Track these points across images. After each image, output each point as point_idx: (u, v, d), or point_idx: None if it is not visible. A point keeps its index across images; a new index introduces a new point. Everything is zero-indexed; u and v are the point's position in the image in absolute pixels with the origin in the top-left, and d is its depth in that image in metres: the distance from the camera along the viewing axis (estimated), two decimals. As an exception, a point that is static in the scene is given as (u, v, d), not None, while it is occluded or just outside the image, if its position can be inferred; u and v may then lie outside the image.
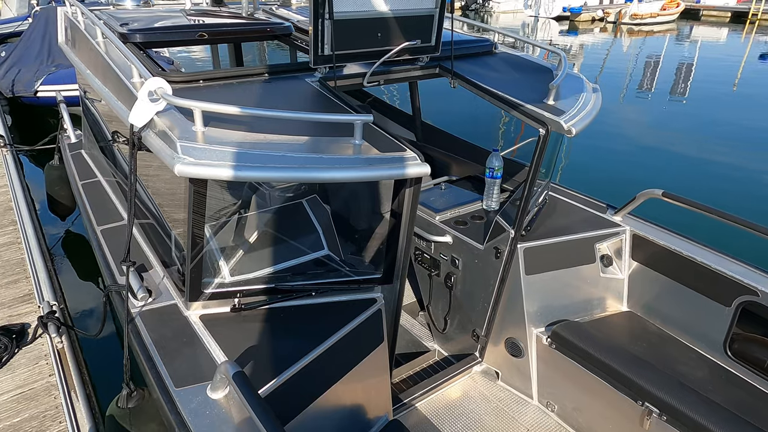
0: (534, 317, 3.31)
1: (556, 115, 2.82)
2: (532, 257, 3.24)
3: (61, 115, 5.84)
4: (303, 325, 2.68)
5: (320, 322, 2.70)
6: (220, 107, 2.23)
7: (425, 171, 2.30)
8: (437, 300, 3.75)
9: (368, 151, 2.32)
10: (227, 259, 2.79)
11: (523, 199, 3.05)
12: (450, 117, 9.66)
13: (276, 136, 2.31)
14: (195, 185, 2.29)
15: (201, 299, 2.66)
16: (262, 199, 3.23)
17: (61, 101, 6.16)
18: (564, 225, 3.49)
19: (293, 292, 2.76)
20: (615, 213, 3.58)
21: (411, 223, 2.65)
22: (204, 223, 2.44)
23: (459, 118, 9.84)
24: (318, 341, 2.55)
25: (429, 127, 4.77)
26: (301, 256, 2.94)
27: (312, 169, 2.18)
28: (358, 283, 2.90)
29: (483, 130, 9.50)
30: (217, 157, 2.12)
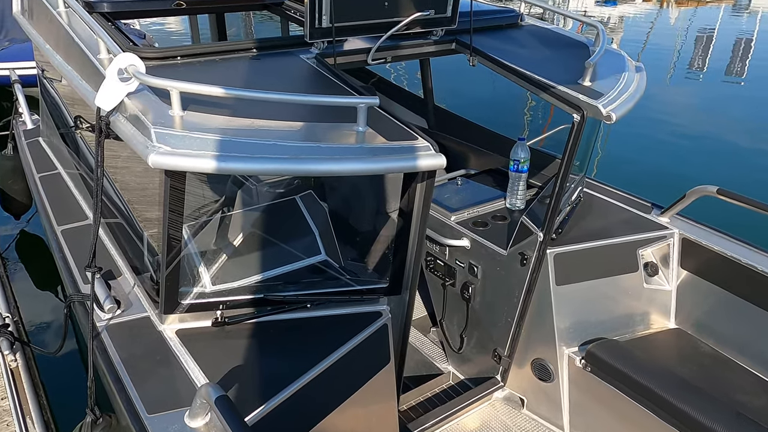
0: (566, 335, 3.30)
1: (593, 99, 2.81)
2: (563, 264, 3.23)
3: (16, 98, 5.86)
4: (296, 342, 2.68)
5: (316, 338, 2.70)
6: (201, 88, 2.23)
7: (439, 163, 2.30)
8: (452, 314, 3.74)
9: (373, 140, 2.32)
10: (208, 265, 2.79)
11: (553, 197, 3.04)
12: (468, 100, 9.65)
13: (265, 122, 2.31)
14: (171, 179, 2.29)
15: (178, 311, 2.66)
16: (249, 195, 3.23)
17: (15, 81, 6.18)
18: (601, 227, 3.48)
19: (285, 303, 2.76)
20: (661, 213, 3.57)
21: (422, 224, 2.65)
22: (182, 223, 2.44)
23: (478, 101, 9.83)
24: (313, 361, 2.55)
25: (443, 112, 4.76)
26: (294, 261, 2.94)
27: (307, 160, 2.18)
28: (360, 294, 2.89)
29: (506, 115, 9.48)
30: (197, 145, 2.12)
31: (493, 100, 10.31)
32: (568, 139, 2.91)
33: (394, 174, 3.16)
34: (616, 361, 3.08)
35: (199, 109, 2.32)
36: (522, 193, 3.62)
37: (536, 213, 3.28)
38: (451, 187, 3.89)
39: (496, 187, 3.89)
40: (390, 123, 2.47)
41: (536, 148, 3.98)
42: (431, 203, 2.65)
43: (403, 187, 2.58)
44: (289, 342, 2.68)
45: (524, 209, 3.58)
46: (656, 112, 10.06)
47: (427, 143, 2.33)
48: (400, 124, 2.47)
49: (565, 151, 2.94)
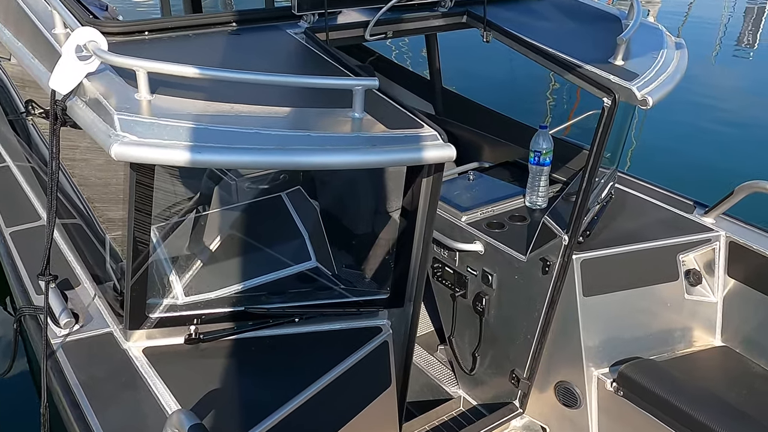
0: (594, 354, 3.30)
1: (627, 80, 2.82)
2: (592, 272, 3.24)
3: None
4: (282, 362, 2.68)
5: (305, 358, 2.70)
6: (173, 67, 2.23)
7: (448, 155, 2.30)
8: (463, 330, 3.74)
9: (371, 128, 2.32)
10: (181, 273, 2.79)
11: (580, 194, 3.04)
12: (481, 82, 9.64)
13: (247, 107, 2.31)
14: (138, 173, 2.29)
15: (145, 326, 2.67)
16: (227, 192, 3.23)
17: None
18: (636, 229, 3.48)
19: (269, 317, 2.76)
20: (705, 213, 3.57)
21: (429, 225, 2.65)
22: (150, 224, 2.44)
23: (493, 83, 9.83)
24: (302, 384, 2.54)
25: (453, 96, 4.76)
26: (280, 269, 2.94)
27: (295, 151, 2.18)
28: (356, 306, 2.89)
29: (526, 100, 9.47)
30: (167, 134, 2.13)
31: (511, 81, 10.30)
32: (598, 126, 2.91)
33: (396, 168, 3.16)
34: (652, 383, 3.08)
35: (170, 93, 2.32)
36: (544, 189, 3.62)
37: (560, 212, 3.28)
38: (461, 182, 3.89)
39: (513, 182, 3.89)
40: (391, 108, 2.47)
41: (560, 137, 3.97)
42: (439, 201, 2.65)
43: (406, 182, 2.58)
44: (274, 362, 2.68)
45: (546, 208, 3.58)
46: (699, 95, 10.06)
47: (434, 132, 2.34)
48: (402, 109, 2.47)
49: (594, 141, 2.94)
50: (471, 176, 3.92)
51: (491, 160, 4.17)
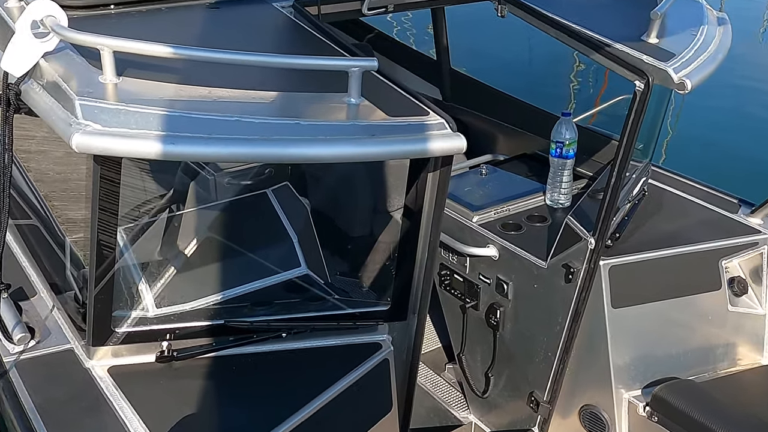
0: (625, 374, 3.30)
1: (662, 60, 2.82)
2: (622, 280, 3.23)
3: None
4: (268, 383, 2.68)
5: (294, 379, 2.70)
6: (142, 46, 2.23)
7: (458, 146, 2.30)
8: (475, 346, 3.74)
9: (369, 115, 2.32)
10: (152, 282, 2.79)
11: (608, 191, 3.04)
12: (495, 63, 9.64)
13: (227, 92, 2.31)
14: (103, 167, 2.29)
15: (111, 342, 2.66)
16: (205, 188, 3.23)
17: None
18: (672, 230, 3.48)
19: (253, 332, 2.76)
20: (752, 212, 3.57)
21: (435, 227, 2.65)
22: (116, 226, 2.44)
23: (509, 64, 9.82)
24: (290, 409, 2.54)
25: (462, 79, 4.76)
26: (265, 277, 2.94)
27: (282, 142, 2.18)
28: (352, 320, 2.90)
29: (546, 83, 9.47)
30: (136, 122, 2.12)
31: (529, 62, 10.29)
32: (629, 113, 2.91)
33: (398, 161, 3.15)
34: (691, 407, 3.08)
35: (139, 75, 2.32)
36: (567, 185, 3.62)
37: (586, 212, 3.28)
38: (472, 177, 3.89)
39: (532, 177, 3.89)
40: (392, 93, 2.47)
41: (586, 126, 3.98)
42: (447, 199, 2.65)
43: (409, 177, 2.58)
44: (257, 383, 2.68)
45: (570, 207, 3.58)
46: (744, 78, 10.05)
47: (442, 120, 2.33)
48: (405, 94, 2.47)
49: (625, 131, 2.94)
50: (483, 170, 3.92)
51: (506, 152, 4.16)
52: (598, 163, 3.84)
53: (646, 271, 3.29)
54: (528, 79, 9.45)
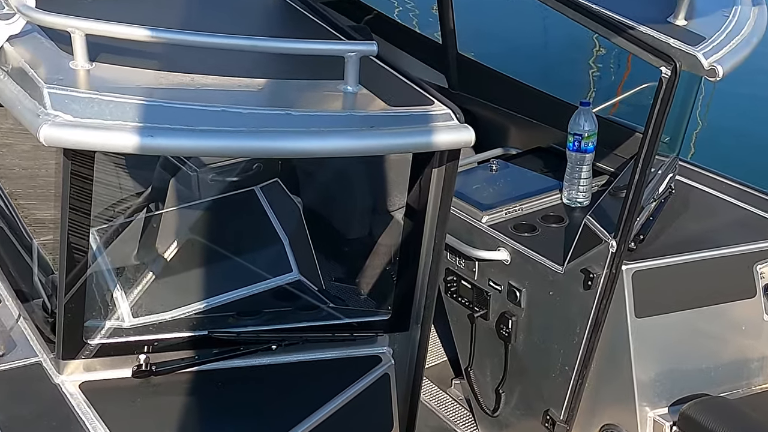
0: (650, 390, 3.30)
1: (690, 44, 2.82)
2: (647, 287, 3.24)
3: None
4: (256, 400, 2.68)
5: (285, 395, 2.70)
6: (118, 28, 2.23)
7: (465, 138, 2.31)
8: (484, 359, 3.75)
9: (368, 105, 2.32)
10: (128, 289, 2.79)
11: (632, 188, 3.04)
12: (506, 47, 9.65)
13: (212, 79, 2.32)
14: (74, 162, 2.29)
15: (83, 355, 2.66)
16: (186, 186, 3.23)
17: None
18: (701, 232, 3.48)
19: (239, 344, 2.77)
20: (790, 212, 3.58)
21: (440, 228, 2.65)
22: (89, 227, 2.44)
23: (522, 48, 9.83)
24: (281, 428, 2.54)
25: (470, 65, 4.76)
26: (252, 283, 2.94)
27: (272, 134, 2.19)
28: (349, 330, 2.90)
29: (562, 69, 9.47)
30: (111, 113, 2.12)
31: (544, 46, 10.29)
32: (654, 103, 2.91)
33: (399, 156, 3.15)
34: (723, 427, 3.08)
35: (114, 60, 2.32)
36: (586, 182, 3.62)
37: (607, 211, 3.28)
38: (482, 173, 3.89)
39: (547, 173, 3.90)
40: (393, 80, 2.48)
41: (606, 116, 3.97)
42: (453, 197, 2.65)
43: (411, 174, 2.58)
44: (244, 401, 2.68)
45: (589, 206, 3.58)
46: (782, 64, 10.05)
47: (448, 110, 2.34)
48: (407, 81, 2.48)
49: (650, 122, 2.94)
50: (494, 166, 3.92)
51: (519, 145, 4.17)
52: (620, 157, 3.84)
53: (673, 276, 3.29)
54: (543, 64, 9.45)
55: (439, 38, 4.81)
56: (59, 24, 2.23)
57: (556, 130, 3.95)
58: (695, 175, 3.88)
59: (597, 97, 8.99)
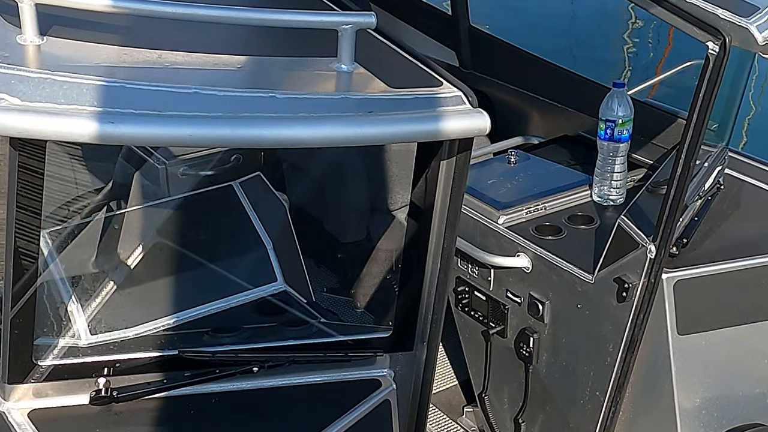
0: (695, 418, 3.31)
1: (742, 16, 2.83)
2: (691, 299, 3.25)
3: None
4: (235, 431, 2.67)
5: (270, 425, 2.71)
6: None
7: (479, 126, 2.31)
8: (501, 383, 3.76)
9: (365, 86, 2.33)
10: (85, 301, 2.79)
11: (673, 184, 3.05)
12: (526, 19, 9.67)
13: (183, 56, 2.32)
14: (22, 152, 2.30)
15: (32, 379, 2.67)
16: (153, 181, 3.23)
17: None
18: (755, 235, 3.49)
19: (215, 366, 2.77)
20: None
21: (450, 230, 2.66)
22: (39, 228, 2.44)
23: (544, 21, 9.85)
24: None
25: (485, 41, 4.76)
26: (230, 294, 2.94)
27: (253, 120, 2.19)
28: (344, 350, 2.90)
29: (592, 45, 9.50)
30: (65, 95, 2.13)
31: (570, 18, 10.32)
32: (699, 84, 2.92)
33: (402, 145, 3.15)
34: (779, 463, 3.09)
35: (69, 34, 2.33)
36: (620, 177, 3.63)
37: (644, 211, 3.29)
38: (499, 166, 3.90)
39: (574, 166, 3.91)
40: (394, 58, 2.48)
41: (644, 100, 3.98)
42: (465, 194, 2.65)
43: (415, 167, 2.59)
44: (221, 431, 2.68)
45: (624, 205, 3.59)
46: None
47: (459, 92, 2.34)
48: (411, 59, 2.48)
49: (694, 106, 2.95)
50: (513, 158, 3.93)
51: (542, 133, 4.18)
52: (660, 147, 3.85)
53: (721, 287, 3.30)
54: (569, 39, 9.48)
55: (448, 9, 4.82)
56: None
57: (584, 115, 3.97)
58: (747, 168, 3.89)
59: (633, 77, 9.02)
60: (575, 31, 9.99)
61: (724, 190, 3.75)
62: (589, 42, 9.58)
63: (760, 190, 3.77)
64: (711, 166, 3.57)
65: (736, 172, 3.86)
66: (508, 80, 4.40)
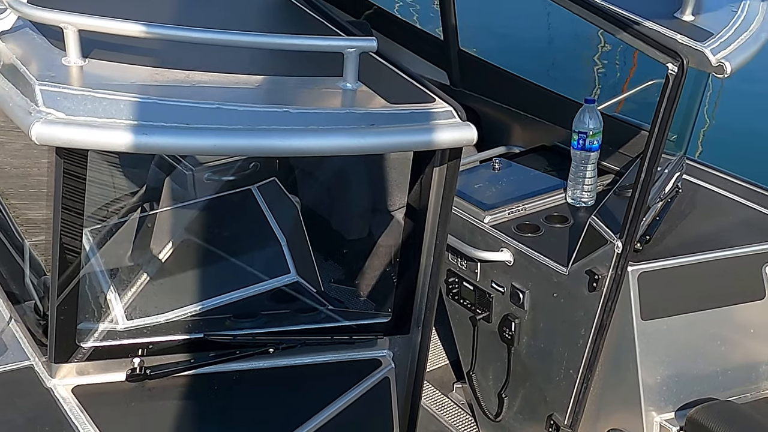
0: (656, 394, 3.30)
1: (698, 40, 2.82)
2: (653, 289, 3.24)
3: None
4: (253, 405, 2.68)
5: (283, 400, 2.71)
6: (111, 24, 2.23)
7: (467, 137, 2.31)
8: (486, 363, 3.75)
9: (368, 102, 2.33)
10: (122, 290, 2.79)
11: (638, 187, 3.05)
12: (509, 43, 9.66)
13: (207, 76, 2.32)
14: (67, 160, 2.30)
15: (76, 359, 2.67)
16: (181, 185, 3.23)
17: None
18: (709, 232, 3.48)
19: (235, 347, 2.77)
20: (799, 212, 3.58)
21: (442, 228, 2.66)
22: (82, 227, 2.44)
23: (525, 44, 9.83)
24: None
25: (473, 62, 4.76)
26: (249, 285, 2.94)
27: (269, 132, 2.19)
28: (349, 333, 2.90)
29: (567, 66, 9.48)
30: (104, 110, 2.13)
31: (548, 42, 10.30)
32: (660, 100, 2.92)
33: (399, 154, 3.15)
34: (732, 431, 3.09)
35: (108, 57, 2.32)
36: (591, 181, 3.62)
37: (612, 211, 3.28)
38: (484, 172, 3.89)
39: (551, 172, 3.90)
40: (393, 77, 2.48)
41: (612, 114, 3.97)
42: (455, 197, 2.65)
43: (412, 173, 2.59)
44: (241, 405, 2.68)
45: (594, 206, 3.58)
46: (792, 60, 10.03)
47: (449, 107, 2.34)
48: (408, 78, 2.48)
49: (656, 119, 2.95)
50: (497, 165, 3.93)
51: (522, 143, 4.17)
52: (626, 156, 3.84)
53: (679, 278, 3.29)
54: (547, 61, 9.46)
55: (440, 34, 4.81)
56: (51, 19, 2.23)
57: (560, 128, 3.96)
58: (703, 174, 3.88)
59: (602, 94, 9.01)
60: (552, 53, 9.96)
61: (682, 193, 3.75)
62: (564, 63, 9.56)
63: (714, 193, 3.77)
64: (671, 172, 3.57)
65: (693, 178, 3.86)
66: (493, 97, 4.39)
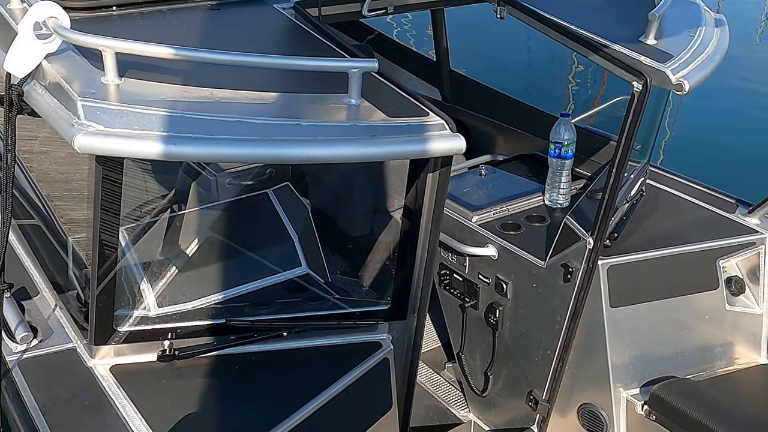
0: (623, 372, 3.30)
1: (660, 61, 2.82)
2: (620, 280, 3.24)
3: None
4: (269, 382, 2.69)
5: (295, 377, 2.71)
6: (144, 47, 2.24)
7: (457, 146, 2.31)
8: (474, 345, 3.75)
9: (370, 116, 2.33)
10: (153, 281, 2.80)
11: (607, 191, 3.05)
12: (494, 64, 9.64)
13: (229, 93, 2.32)
14: (105, 167, 2.30)
15: (113, 341, 2.68)
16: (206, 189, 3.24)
17: None
18: (669, 230, 3.49)
19: (254, 331, 2.77)
20: (749, 212, 3.57)
21: (435, 227, 2.66)
22: (118, 226, 2.45)
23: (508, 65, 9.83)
24: (291, 408, 2.55)
25: (462, 81, 4.76)
26: (266, 276, 2.94)
27: (283, 142, 2.19)
28: (353, 319, 2.91)
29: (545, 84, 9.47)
30: (138, 123, 2.13)
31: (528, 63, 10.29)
32: (627, 114, 2.92)
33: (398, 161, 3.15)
34: (688, 405, 3.09)
35: (141, 76, 2.33)
36: (566, 185, 3.62)
37: (584, 212, 3.28)
38: (472, 178, 3.89)
39: (531, 178, 3.90)
40: (392, 94, 2.48)
41: (584, 126, 3.98)
42: (446, 199, 2.65)
43: (408, 178, 2.59)
44: (258, 382, 2.69)
45: (569, 207, 3.58)
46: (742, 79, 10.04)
47: (441, 120, 2.34)
48: (405, 95, 2.48)
49: (623, 131, 2.95)
50: (483, 171, 3.93)
51: (506, 152, 4.16)
52: (596, 163, 3.84)
53: (644, 270, 3.29)
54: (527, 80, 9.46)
55: (433, 56, 4.81)
56: (91, 43, 2.24)
57: (538, 138, 3.96)
58: (664, 179, 3.88)
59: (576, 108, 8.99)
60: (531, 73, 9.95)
61: (646, 195, 3.75)
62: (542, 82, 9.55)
63: (674, 196, 3.77)
64: (636, 178, 3.58)
65: (656, 182, 3.86)
66: (480, 111, 4.39)
